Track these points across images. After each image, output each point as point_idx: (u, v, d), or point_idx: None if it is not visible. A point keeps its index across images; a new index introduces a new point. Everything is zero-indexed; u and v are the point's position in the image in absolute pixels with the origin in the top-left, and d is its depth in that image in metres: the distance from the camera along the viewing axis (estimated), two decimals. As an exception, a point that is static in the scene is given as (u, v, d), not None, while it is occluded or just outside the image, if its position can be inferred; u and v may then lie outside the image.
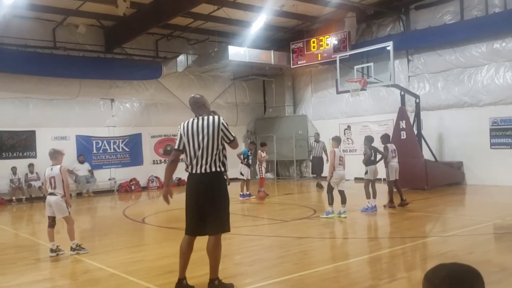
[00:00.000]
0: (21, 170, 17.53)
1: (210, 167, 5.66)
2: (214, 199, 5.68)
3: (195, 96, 6.14)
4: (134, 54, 20.38)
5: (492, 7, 16.14)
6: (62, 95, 18.85)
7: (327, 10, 18.88)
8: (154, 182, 20.77)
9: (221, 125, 5.74)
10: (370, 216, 11.37)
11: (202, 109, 5.96)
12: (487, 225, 9.58)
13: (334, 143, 11.49)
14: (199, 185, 5.72)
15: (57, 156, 8.45)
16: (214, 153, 5.67)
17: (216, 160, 5.69)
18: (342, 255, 7.99)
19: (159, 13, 16.52)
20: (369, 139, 12.34)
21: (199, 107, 5.97)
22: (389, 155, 12.26)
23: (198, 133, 5.71)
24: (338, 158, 11.16)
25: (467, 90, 16.95)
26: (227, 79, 23.54)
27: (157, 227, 11.70)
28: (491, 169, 16.19)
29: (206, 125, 5.72)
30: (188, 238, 5.85)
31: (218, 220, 5.71)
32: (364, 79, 16.07)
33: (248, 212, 13.47)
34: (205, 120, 5.76)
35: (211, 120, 5.76)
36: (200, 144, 5.69)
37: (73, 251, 8.25)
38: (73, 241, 8.33)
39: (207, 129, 5.70)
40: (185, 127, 5.84)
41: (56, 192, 8.21)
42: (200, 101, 6.02)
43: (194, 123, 5.81)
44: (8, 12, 15.70)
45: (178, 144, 5.89)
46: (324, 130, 21.93)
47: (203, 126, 5.72)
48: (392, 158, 12.30)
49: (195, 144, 5.72)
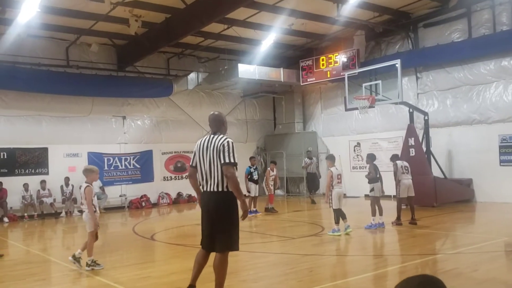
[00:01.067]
0: (33, 186, 17.78)
1: (218, 186, 5.73)
2: (223, 218, 5.74)
3: (214, 113, 6.21)
4: (146, 72, 20.70)
5: (500, 25, 16.23)
6: (75, 113, 19.17)
7: (336, 28, 19.06)
8: (165, 198, 20.92)
9: (221, 145, 5.75)
10: (377, 233, 11.40)
11: (219, 126, 6.04)
12: (493, 242, 9.57)
13: (329, 162, 11.49)
14: (209, 203, 5.82)
15: (88, 174, 8.64)
16: (221, 173, 5.71)
17: (224, 180, 5.72)
18: (347, 273, 8.04)
19: (170, 32, 16.81)
20: (371, 157, 12.42)
21: (216, 124, 6.05)
22: (398, 171, 12.26)
23: (208, 151, 5.82)
24: (336, 177, 11.17)
25: (476, 107, 16.98)
26: (237, 96, 23.77)
27: (165, 243, 11.80)
28: (501, 186, 16.13)
29: (213, 143, 5.81)
30: (202, 251, 6.00)
31: (226, 238, 5.76)
32: (372, 97, 16.18)
33: (256, 229, 13.55)
34: (214, 139, 5.85)
35: (218, 139, 5.83)
36: (208, 162, 5.79)
37: (88, 267, 8.38)
38: (89, 257, 8.47)
39: (212, 148, 5.79)
40: (198, 145, 5.98)
41: (83, 208, 8.60)
42: (219, 118, 6.11)
43: (206, 141, 5.93)
44: (23, 31, 16.04)
45: (192, 160, 6.06)
46: (334, 147, 22.13)
47: (210, 145, 5.82)
48: (403, 174, 12.27)
49: (205, 162, 5.83)
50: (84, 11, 15.48)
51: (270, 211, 16.25)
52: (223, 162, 5.69)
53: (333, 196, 11.07)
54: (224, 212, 5.75)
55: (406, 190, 12.24)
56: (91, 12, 15.62)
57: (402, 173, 12.29)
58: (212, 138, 5.88)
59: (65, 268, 8.96)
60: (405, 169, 12.35)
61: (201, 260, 5.99)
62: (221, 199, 5.76)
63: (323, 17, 17.61)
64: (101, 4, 14.16)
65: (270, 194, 16.61)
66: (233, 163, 5.71)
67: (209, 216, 5.83)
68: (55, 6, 14.88)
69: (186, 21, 15.91)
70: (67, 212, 18.11)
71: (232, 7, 14.64)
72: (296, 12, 16.77)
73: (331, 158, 11.68)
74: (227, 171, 5.67)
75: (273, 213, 16.14)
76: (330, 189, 11.11)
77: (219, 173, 5.72)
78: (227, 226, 5.74)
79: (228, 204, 5.77)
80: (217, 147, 5.76)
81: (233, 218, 5.83)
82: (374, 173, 12.03)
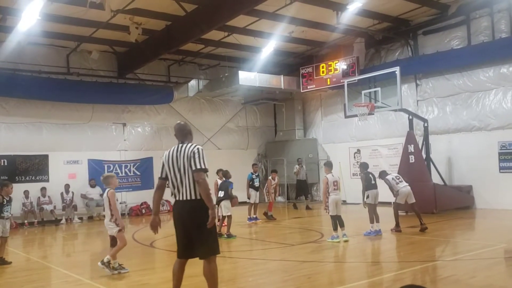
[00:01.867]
0: (33, 193, 17.79)
1: (190, 194, 5.77)
2: (199, 224, 5.69)
3: (180, 123, 6.28)
4: (146, 79, 20.77)
5: (499, 32, 16.29)
6: (75, 120, 19.22)
7: (335, 36, 19.12)
8: (165, 205, 20.85)
9: (191, 152, 5.79)
10: (376, 240, 11.40)
11: (187, 136, 6.08)
12: (492, 249, 9.57)
13: (326, 169, 11.51)
14: (183, 212, 5.84)
15: (108, 180, 8.94)
16: (192, 180, 5.75)
17: (197, 188, 5.76)
18: (345, 279, 8.05)
19: (170, 39, 16.88)
20: (363, 165, 12.54)
21: (184, 134, 6.08)
22: (392, 184, 12.33)
23: (178, 161, 5.84)
24: (333, 183, 11.18)
25: (476, 114, 17.01)
26: (238, 103, 23.82)
27: (164, 251, 11.79)
28: (500, 193, 16.14)
29: (183, 152, 5.84)
30: (179, 261, 6.03)
31: (205, 243, 5.77)
32: (372, 104, 16.23)
33: (256, 236, 13.56)
34: (183, 148, 5.89)
35: (187, 147, 5.87)
36: (179, 171, 5.83)
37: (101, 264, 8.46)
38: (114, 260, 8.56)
39: (182, 157, 5.82)
40: (166, 156, 5.99)
41: (106, 214, 8.81)
42: (185, 129, 6.14)
43: (174, 151, 5.95)
44: (23, 39, 16.16)
45: (161, 172, 6.09)
46: (334, 153, 22.18)
47: (180, 154, 5.85)
48: (398, 185, 12.31)
49: (175, 172, 5.86)
50: (85, 19, 15.53)
51: (268, 218, 16.26)
52: (194, 169, 5.72)
53: (330, 203, 11.08)
54: (199, 219, 5.70)
55: (404, 197, 12.25)
56: (92, 20, 15.69)
57: (397, 183, 12.34)
58: (181, 147, 5.92)
59: (64, 275, 9.01)
60: (397, 179, 12.46)
61: (179, 270, 6.03)
62: (194, 207, 5.76)
63: (323, 25, 17.67)
64: (101, 11, 14.21)
65: (270, 201, 16.65)
66: (204, 169, 5.76)
67: (184, 225, 5.84)
68: (55, 13, 14.96)
69: (187, 29, 15.98)
70: (67, 219, 18.12)
71: (232, 14, 14.71)
72: (296, 19, 16.83)
73: (329, 165, 11.72)
74: (198, 177, 5.69)
75: (272, 220, 16.14)
76: (327, 195, 11.13)
77: (190, 181, 5.75)
78: (205, 232, 5.71)
79: (203, 210, 5.72)
80: (187, 155, 5.79)
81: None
82: (365, 182, 12.07)
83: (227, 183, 12.74)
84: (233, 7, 14.33)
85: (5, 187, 10.20)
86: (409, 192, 12.25)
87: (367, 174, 12.23)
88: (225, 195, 12.50)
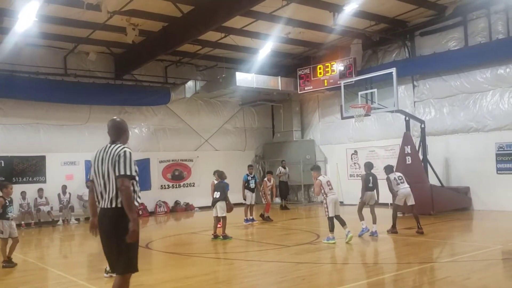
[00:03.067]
0: (31, 194, 17.77)
1: (112, 202, 5.11)
2: (118, 237, 5.03)
3: (115, 119, 5.59)
4: (144, 81, 20.76)
5: (496, 33, 16.29)
6: (72, 121, 19.21)
7: (333, 37, 19.13)
8: (162, 207, 20.91)
9: (117, 155, 5.11)
10: (372, 241, 11.40)
11: (119, 135, 5.43)
12: (487, 251, 9.56)
13: (315, 173, 11.54)
14: (104, 220, 5.20)
15: None
16: (116, 187, 5.09)
17: (119, 195, 5.08)
18: (340, 281, 8.04)
19: (167, 40, 16.89)
20: (367, 165, 12.51)
21: (117, 133, 5.43)
22: (393, 184, 12.25)
23: (103, 163, 5.20)
24: (326, 184, 11.19)
25: (473, 116, 17.01)
26: (235, 105, 23.81)
27: (161, 252, 11.80)
28: (498, 194, 16.13)
29: (109, 154, 5.18)
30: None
31: (125, 259, 5.13)
32: (368, 105, 16.22)
33: (251, 237, 13.55)
34: (110, 148, 5.24)
35: (114, 149, 5.20)
36: (103, 175, 5.18)
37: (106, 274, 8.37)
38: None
39: (108, 158, 5.17)
40: (95, 156, 5.35)
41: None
42: (119, 126, 5.49)
43: (101, 152, 5.30)
44: (20, 40, 16.14)
45: (90, 174, 5.45)
46: (331, 155, 22.25)
47: (106, 155, 5.20)
48: (398, 185, 12.23)
49: (100, 175, 5.22)
50: (82, 20, 15.55)
51: (265, 219, 16.27)
52: (118, 175, 5.04)
53: (328, 204, 11.07)
54: (119, 231, 5.02)
55: (403, 199, 12.20)
56: (89, 21, 15.70)
57: (397, 184, 12.26)
58: (109, 148, 5.24)
59: (59, 276, 9.00)
60: (399, 179, 12.33)
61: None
62: (116, 216, 5.09)
63: (320, 26, 17.66)
64: (98, 13, 14.21)
65: (267, 203, 16.65)
66: (129, 176, 5.06)
67: (106, 234, 5.20)
68: (52, 15, 14.97)
69: (183, 30, 15.99)
70: (64, 220, 18.11)
71: (229, 15, 14.73)
72: (293, 21, 16.83)
73: (316, 168, 11.80)
74: (121, 184, 5.00)
75: (268, 221, 16.15)
76: (324, 197, 11.11)
77: (114, 187, 5.10)
78: (124, 245, 5.04)
79: (124, 221, 5.02)
80: (112, 158, 5.12)
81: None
82: (364, 183, 12.05)
83: (223, 184, 12.73)
84: (230, 8, 14.33)
85: (5, 188, 10.16)
86: (409, 193, 12.17)
87: (367, 175, 12.23)
88: (221, 196, 12.50)
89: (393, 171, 12.73)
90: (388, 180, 12.33)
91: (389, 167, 12.77)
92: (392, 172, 12.61)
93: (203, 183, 20.78)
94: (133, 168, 5.12)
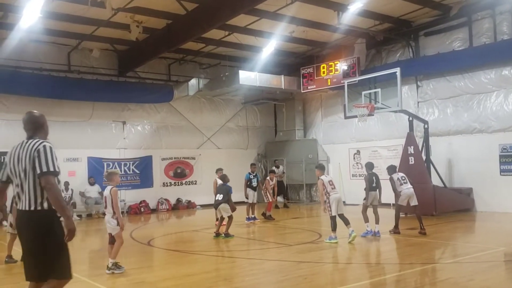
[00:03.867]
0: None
1: (30, 203, 4.66)
2: (42, 242, 4.62)
3: (31, 113, 5.06)
4: (147, 78, 20.75)
5: (501, 34, 16.23)
6: (75, 118, 19.20)
7: (336, 36, 19.08)
8: (164, 204, 20.90)
9: (35, 151, 4.67)
10: (374, 241, 11.37)
11: (37, 129, 4.95)
12: (490, 252, 9.53)
13: (319, 171, 11.55)
14: (22, 224, 4.76)
15: (112, 177, 8.88)
16: (35, 186, 4.67)
17: (38, 195, 4.67)
18: (341, 281, 8.01)
19: (171, 38, 16.86)
20: (368, 165, 12.50)
21: (34, 127, 4.95)
22: (396, 185, 12.19)
23: (19, 161, 4.74)
24: (328, 183, 11.18)
25: (476, 116, 16.95)
26: (238, 103, 23.80)
27: (162, 249, 11.79)
28: (501, 195, 16.09)
29: (26, 150, 4.73)
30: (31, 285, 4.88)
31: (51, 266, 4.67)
32: (372, 105, 16.17)
33: (253, 236, 13.53)
34: (27, 144, 4.78)
35: (32, 143, 4.75)
36: (20, 175, 4.74)
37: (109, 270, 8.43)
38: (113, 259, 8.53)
39: (25, 155, 4.71)
40: (10, 153, 4.87)
41: (107, 211, 8.66)
42: (36, 120, 5.00)
43: (17, 149, 4.84)
44: (25, 36, 16.15)
45: (2, 173, 4.99)
46: (334, 154, 22.24)
47: (23, 152, 4.75)
48: (402, 185, 12.16)
49: (17, 174, 4.76)
50: (86, 17, 15.56)
51: (267, 218, 16.25)
52: (40, 172, 4.60)
53: (331, 203, 11.03)
54: (41, 235, 4.63)
55: (406, 199, 12.15)
56: (93, 18, 15.69)
57: (401, 184, 12.19)
58: (25, 144, 4.78)
59: (60, 272, 8.95)
60: (402, 180, 12.26)
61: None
62: (35, 219, 4.65)
63: (324, 25, 17.64)
64: (102, 10, 14.22)
65: (269, 201, 16.62)
66: (53, 172, 4.63)
67: (25, 240, 4.75)
68: (57, 11, 14.97)
69: (187, 27, 15.96)
70: (66, 216, 18.09)
71: (233, 13, 14.69)
72: (296, 19, 16.80)
73: (321, 167, 11.81)
74: (46, 182, 4.58)
75: (270, 220, 16.13)
76: (327, 196, 11.09)
77: (31, 187, 4.66)
78: (50, 251, 4.62)
79: (45, 224, 4.65)
80: (30, 154, 4.68)
81: (56, 241, 4.67)
82: (368, 183, 12.01)
83: (226, 187, 12.70)
84: (234, 6, 14.29)
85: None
86: (412, 194, 12.10)
87: (370, 175, 12.19)
88: (223, 199, 12.46)
89: (396, 171, 12.68)
90: (392, 180, 12.26)
91: (392, 167, 12.70)
92: (395, 172, 12.56)
93: (205, 181, 20.77)
94: (56, 163, 4.68)
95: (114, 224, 8.55)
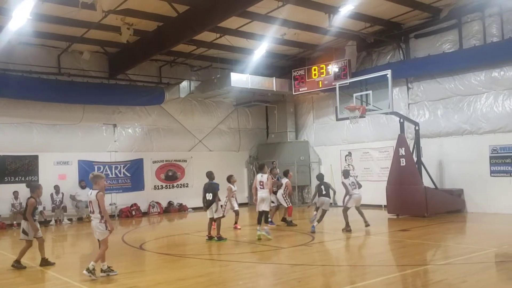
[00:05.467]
0: (23, 194, 17.51)
1: None
2: None
3: None
4: (138, 80, 20.66)
5: (490, 36, 16.32)
6: (65, 121, 19.07)
7: (328, 39, 19.14)
8: (155, 207, 20.81)
9: None
10: (367, 243, 11.39)
11: None
12: (483, 253, 9.57)
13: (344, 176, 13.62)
14: None
15: (96, 181, 8.64)
16: None
17: None
18: (335, 283, 8.00)
19: (162, 40, 16.82)
20: (320, 177, 13.81)
21: None
22: (349, 188, 13.45)
23: None
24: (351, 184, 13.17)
25: (467, 118, 17.04)
26: (229, 105, 23.75)
27: (154, 253, 11.72)
28: (491, 196, 16.18)
29: None
30: None
31: None
32: (363, 107, 16.19)
33: (246, 239, 13.48)
34: None
35: None
36: None
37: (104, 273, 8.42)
38: (103, 263, 8.50)
39: None
40: None
41: (94, 217, 8.50)
42: None
43: None
44: (14, 38, 16.02)
45: None
46: (325, 156, 22.24)
47: None
48: (352, 190, 13.44)
49: None
50: (76, 19, 15.42)
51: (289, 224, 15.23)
52: None
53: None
54: None
55: (354, 203, 13.43)
56: (83, 20, 15.59)
57: (354, 188, 13.42)
58: None
59: (52, 277, 8.91)
60: (353, 185, 13.53)
61: None
62: None
63: (315, 27, 17.67)
64: (93, 12, 14.11)
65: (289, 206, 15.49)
66: None
67: None
68: (46, 13, 14.86)
69: (178, 30, 15.92)
70: (56, 220, 17.98)
71: (224, 16, 14.67)
72: (288, 22, 16.80)
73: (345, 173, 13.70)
74: None
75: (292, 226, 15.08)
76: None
77: None
78: None
79: None
80: None
81: None
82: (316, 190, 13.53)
83: (214, 185, 12.66)
84: (225, 9, 14.28)
85: (37, 189, 10.13)
86: (360, 198, 13.55)
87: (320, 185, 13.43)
88: (214, 198, 12.45)
89: (349, 177, 13.83)
90: (344, 185, 13.56)
91: (346, 172, 14.18)
92: (348, 177, 13.76)
93: (196, 183, 20.67)
94: None
95: (103, 228, 8.44)
